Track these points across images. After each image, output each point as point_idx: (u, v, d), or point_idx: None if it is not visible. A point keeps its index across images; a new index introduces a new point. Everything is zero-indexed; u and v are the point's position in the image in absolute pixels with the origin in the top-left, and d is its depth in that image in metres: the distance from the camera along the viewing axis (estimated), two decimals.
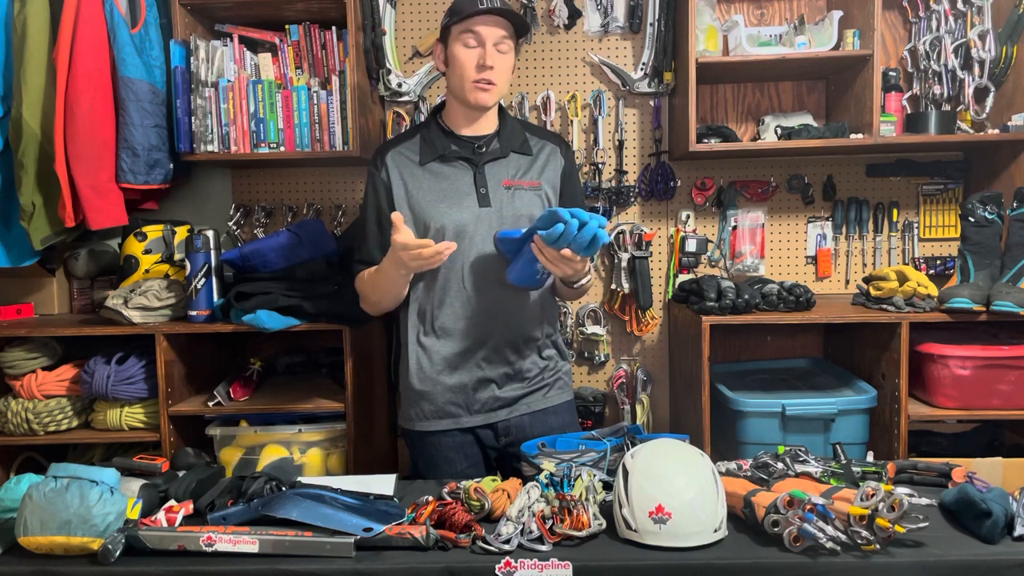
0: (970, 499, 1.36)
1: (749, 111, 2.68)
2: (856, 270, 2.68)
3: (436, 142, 1.84)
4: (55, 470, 1.38)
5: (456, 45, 1.77)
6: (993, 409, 2.12)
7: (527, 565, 1.26)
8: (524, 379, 1.87)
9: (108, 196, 2.22)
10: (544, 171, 1.88)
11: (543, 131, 2.00)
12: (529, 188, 1.84)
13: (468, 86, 1.77)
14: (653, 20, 2.56)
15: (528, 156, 1.88)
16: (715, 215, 2.70)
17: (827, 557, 1.26)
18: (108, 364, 2.17)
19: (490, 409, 1.85)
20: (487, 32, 1.74)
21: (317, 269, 2.23)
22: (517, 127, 1.91)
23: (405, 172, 1.83)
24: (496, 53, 1.76)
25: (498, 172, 1.83)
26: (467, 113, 1.83)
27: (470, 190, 1.81)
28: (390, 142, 1.91)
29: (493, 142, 1.86)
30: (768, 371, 2.58)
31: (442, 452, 1.85)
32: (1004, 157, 2.42)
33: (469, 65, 1.76)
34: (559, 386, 1.93)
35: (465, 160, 1.83)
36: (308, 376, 2.50)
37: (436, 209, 1.78)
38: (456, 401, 1.83)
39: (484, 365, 1.83)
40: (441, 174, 1.82)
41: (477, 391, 1.83)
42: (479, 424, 1.85)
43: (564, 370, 1.96)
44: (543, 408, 1.88)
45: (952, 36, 2.47)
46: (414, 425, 1.87)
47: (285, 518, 1.35)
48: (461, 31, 1.76)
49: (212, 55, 2.38)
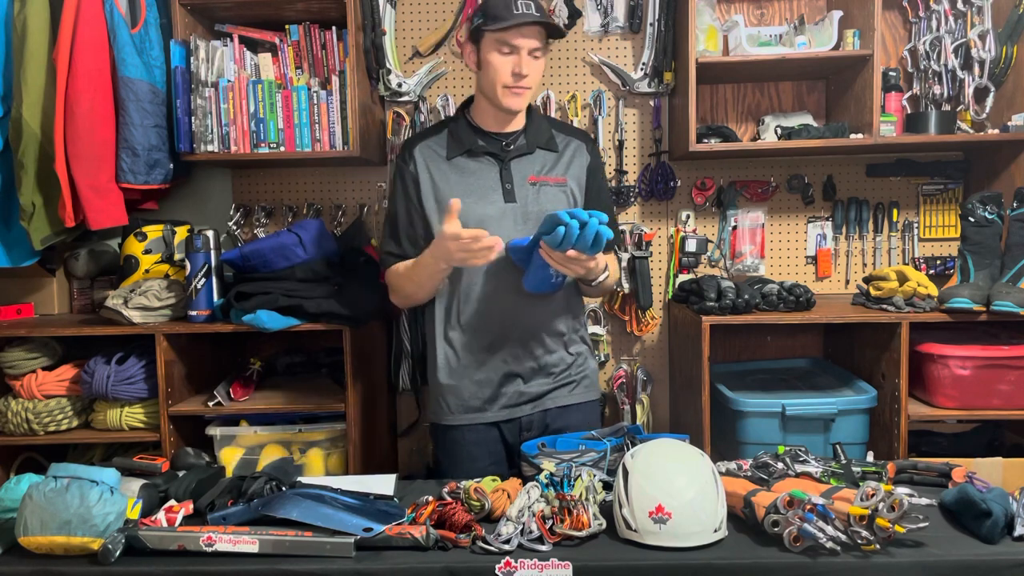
0: (970, 499, 1.36)
1: (749, 111, 2.68)
2: (856, 270, 2.68)
3: (463, 137, 1.86)
4: (55, 470, 1.38)
5: (490, 50, 1.78)
6: (993, 409, 2.12)
7: (527, 565, 1.26)
8: (550, 374, 1.89)
9: (108, 196, 2.22)
10: (570, 167, 1.90)
11: (570, 128, 2.02)
12: (555, 184, 1.86)
13: (501, 91, 1.79)
14: (653, 20, 2.56)
15: (554, 152, 1.90)
16: (715, 215, 2.70)
17: (827, 557, 1.26)
18: (108, 364, 2.17)
19: (515, 404, 1.87)
20: (523, 41, 1.75)
21: (317, 269, 2.23)
22: (544, 124, 1.93)
23: (432, 166, 1.86)
24: (531, 60, 1.78)
25: (524, 168, 1.85)
26: (496, 112, 1.85)
27: (496, 185, 1.83)
28: (418, 136, 1.94)
29: (520, 138, 1.88)
30: (768, 371, 2.58)
31: (465, 447, 1.88)
32: (1004, 157, 2.42)
33: (503, 72, 1.77)
34: (585, 384, 1.95)
35: (492, 155, 1.85)
36: (308, 376, 2.50)
37: (462, 204, 1.80)
38: (481, 396, 1.86)
39: (510, 360, 1.85)
40: (467, 169, 1.85)
41: (503, 385, 1.86)
42: (503, 419, 1.87)
43: (591, 368, 1.98)
44: (567, 404, 1.91)
45: (952, 36, 2.46)
46: (440, 419, 1.90)
47: (285, 518, 1.36)
48: (496, 38, 1.76)
49: (212, 55, 2.38)
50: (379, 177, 2.67)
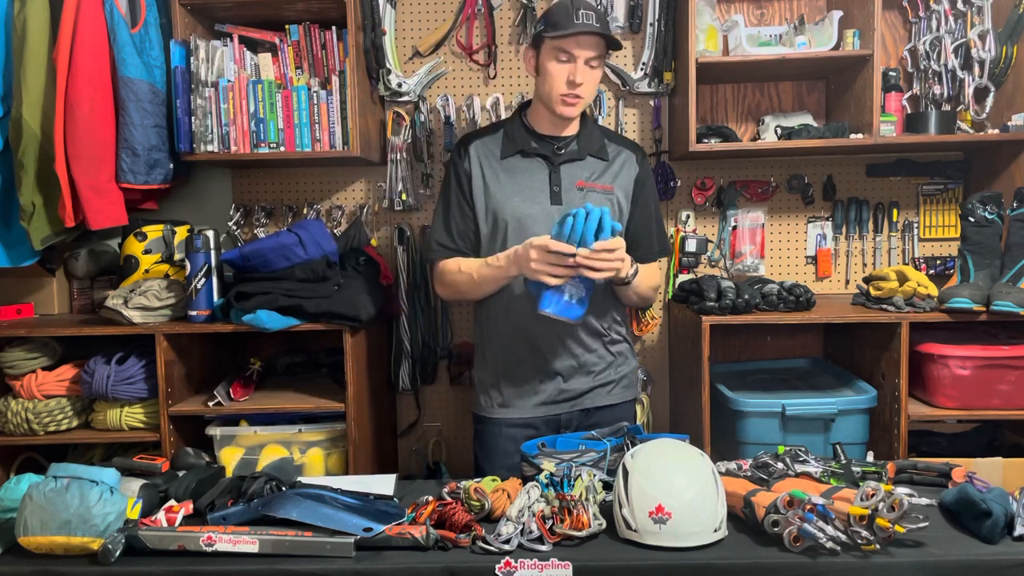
0: (970, 499, 1.36)
1: (749, 111, 2.68)
2: (856, 270, 2.68)
3: (518, 138, 1.92)
4: (55, 470, 1.38)
5: (548, 58, 1.83)
6: (993, 409, 2.12)
7: (527, 565, 1.26)
8: (590, 372, 1.93)
9: (108, 196, 2.22)
10: (618, 177, 1.94)
11: (621, 139, 2.08)
12: (602, 192, 1.91)
13: (556, 98, 1.84)
14: (653, 20, 2.56)
15: (604, 161, 1.94)
16: (715, 215, 2.70)
17: (827, 557, 1.26)
18: (108, 364, 2.17)
19: (554, 401, 1.92)
20: (580, 51, 1.79)
21: (317, 269, 2.22)
22: (596, 132, 1.98)
23: (485, 163, 1.91)
24: (587, 70, 1.82)
25: (573, 173, 1.90)
26: (551, 116, 1.90)
27: (544, 187, 1.88)
28: (474, 133, 2.00)
29: (572, 144, 1.93)
30: (768, 371, 2.58)
31: (501, 442, 1.92)
32: (1004, 157, 2.42)
33: (560, 79, 1.81)
34: (624, 384, 2.00)
35: (543, 158, 1.90)
36: (308, 376, 2.50)
37: (510, 202, 1.86)
38: (521, 392, 1.90)
39: (550, 357, 1.89)
40: (519, 169, 1.90)
41: (543, 383, 1.90)
42: (541, 415, 1.91)
43: (631, 367, 2.03)
44: (606, 405, 1.94)
45: (952, 36, 2.46)
46: (482, 411, 1.97)
47: (285, 518, 1.36)
48: (555, 46, 1.80)
49: (212, 55, 2.37)
50: (379, 177, 2.67)
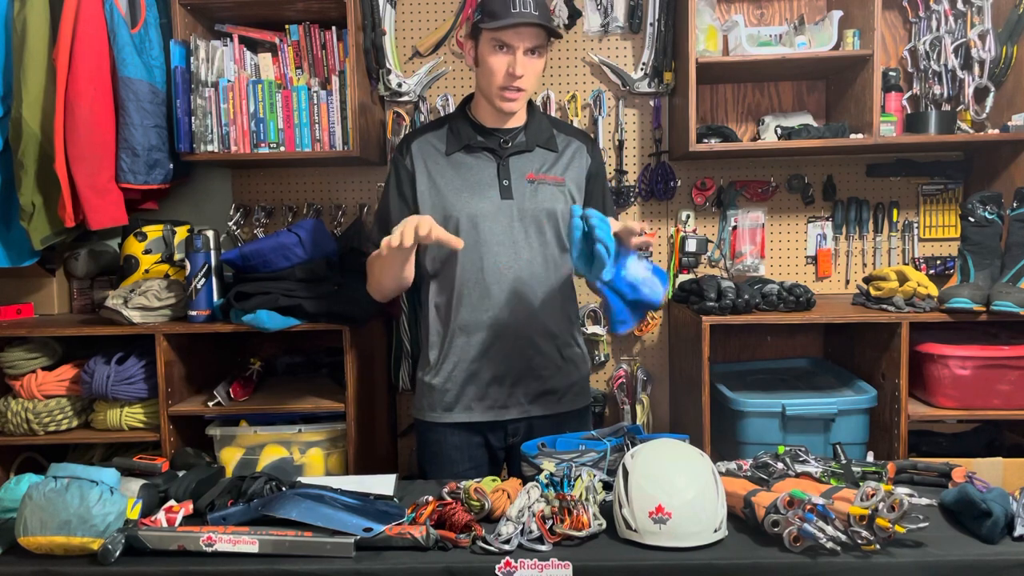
0: (970, 499, 1.36)
1: (749, 111, 2.68)
2: (856, 270, 2.68)
3: (462, 133, 1.85)
4: (55, 470, 1.38)
5: (486, 49, 1.76)
6: (993, 409, 2.12)
7: (527, 565, 1.26)
8: (540, 377, 1.85)
9: (108, 196, 2.22)
10: (569, 168, 1.88)
11: (571, 128, 2.00)
12: (553, 183, 1.85)
13: (496, 92, 1.78)
14: (653, 20, 2.56)
15: (554, 152, 1.88)
16: (715, 215, 2.70)
17: (827, 557, 1.26)
18: (108, 364, 2.17)
19: (502, 406, 1.84)
20: (518, 41, 1.74)
21: (317, 269, 2.23)
22: (544, 122, 1.92)
23: (430, 161, 1.85)
24: (527, 60, 1.76)
25: (522, 165, 1.84)
26: (494, 110, 1.84)
27: (493, 182, 1.82)
28: (417, 131, 1.93)
29: (519, 135, 1.87)
30: (768, 371, 2.58)
31: (446, 450, 1.85)
32: (1004, 157, 2.42)
33: (499, 71, 1.75)
34: (575, 391, 1.92)
35: (490, 152, 1.84)
36: (308, 376, 2.50)
37: (458, 198, 1.79)
38: (467, 395, 1.83)
39: (500, 361, 1.82)
40: (465, 164, 1.84)
41: (491, 386, 1.83)
42: (489, 420, 1.84)
43: (583, 374, 1.95)
44: (556, 413, 1.87)
45: (952, 36, 2.46)
46: (424, 415, 1.89)
47: (285, 518, 1.35)
48: (493, 37, 1.74)
49: (212, 55, 2.38)
50: (379, 177, 2.67)
